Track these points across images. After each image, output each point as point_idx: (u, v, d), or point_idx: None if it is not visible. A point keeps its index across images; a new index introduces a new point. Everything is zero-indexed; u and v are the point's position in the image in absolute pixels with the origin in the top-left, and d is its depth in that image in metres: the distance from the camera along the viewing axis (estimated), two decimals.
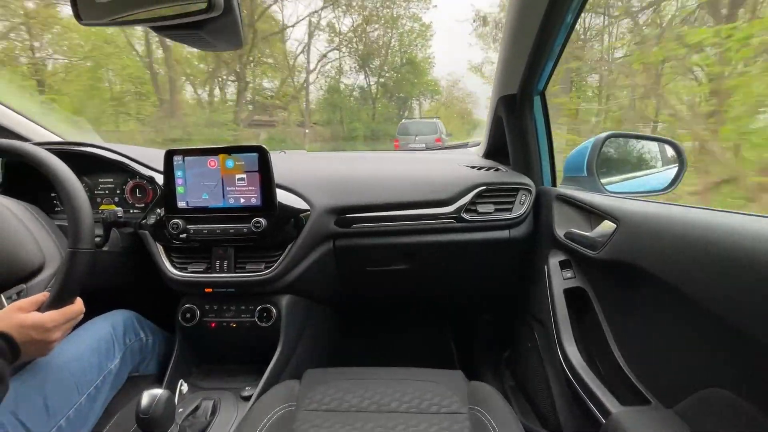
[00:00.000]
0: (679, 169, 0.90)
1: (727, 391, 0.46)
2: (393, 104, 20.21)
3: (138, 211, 1.01)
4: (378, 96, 19.70)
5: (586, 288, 0.81)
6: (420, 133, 9.17)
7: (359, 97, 19.29)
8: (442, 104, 25.51)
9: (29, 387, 0.63)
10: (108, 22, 0.48)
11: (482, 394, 0.72)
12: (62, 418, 0.65)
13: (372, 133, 16.73)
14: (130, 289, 1.08)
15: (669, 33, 4.01)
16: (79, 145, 1.00)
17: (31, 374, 0.64)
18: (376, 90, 19.67)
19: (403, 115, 18.99)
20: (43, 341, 0.62)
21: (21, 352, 0.59)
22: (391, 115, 19.57)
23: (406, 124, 9.86)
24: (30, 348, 0.60)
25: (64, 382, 0.68)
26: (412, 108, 21.83)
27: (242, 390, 0.90)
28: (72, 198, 0.67)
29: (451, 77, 25.99)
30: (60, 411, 0.66)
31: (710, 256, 0.49)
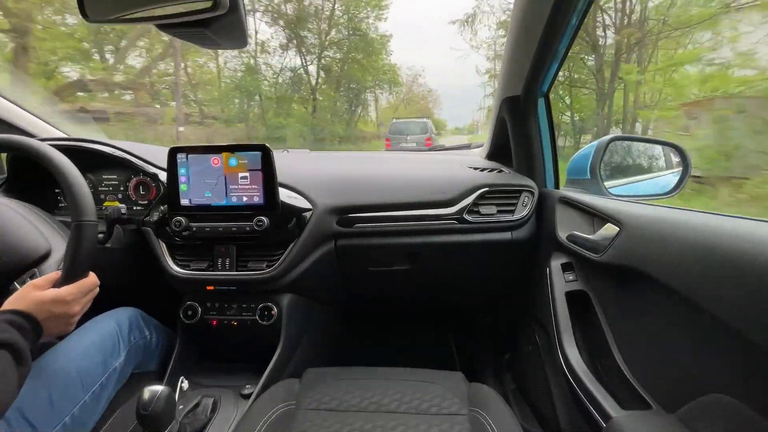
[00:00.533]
0: (683, 173, 0.89)
1: (729, 397, 0.46)
2: (342, 96, 15.55)
3: (141, 208, 1.01)
4: (320, 84, 14.40)
5: (588, 291, 0.80)
6: (411, 132, 9.51)
7: (291, 83, 14.10)
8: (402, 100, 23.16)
9: (35, 384, 0.62)
10: (114, 19, 0.49)
11: (482, 396, 0.72)
12: (67, 415, 0.65)
13: (313, 133, 12.69)
14: (132, 286, 1.08)
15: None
16: (84, 142, 1.00)
17: (37, 371, 0.64)
18: (316, 75, 14.20)
19: (355, 111, 16.67)
20: (65, 315, 0.62)
21: (43, 329, 0.59)
22: (339, 110, 15.37)
23: (397, 124, 10.21)
24: (51, 324, 0.61)
25: (69, 379, 0.68)
26: (367, 102, 17.82)
27: (242, 388, 0.90)
28: (66, 175, 0.68)
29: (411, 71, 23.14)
30: (65, 408, 0.66)
31: (714, 260, 0.48)
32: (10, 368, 0.51)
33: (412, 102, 25.11)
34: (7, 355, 0.51)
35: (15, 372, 0.52)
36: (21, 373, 0.53)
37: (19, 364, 0.53)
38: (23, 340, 0.54)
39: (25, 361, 0.54)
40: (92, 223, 0.68)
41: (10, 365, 0.51)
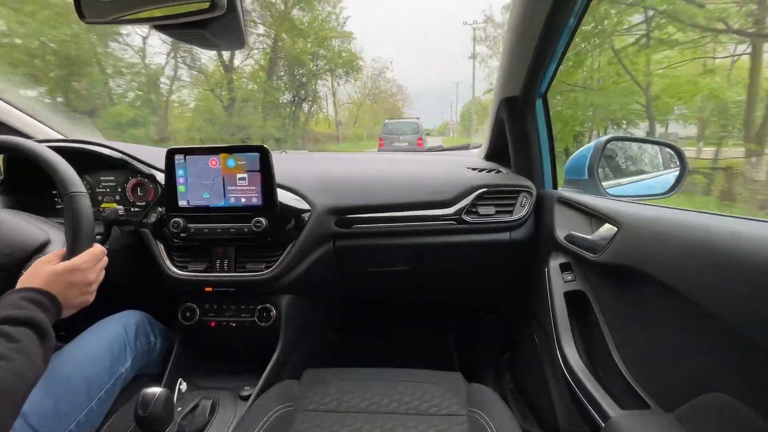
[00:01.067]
0: (680, 173, 0.90)
1: (727, 396, 0.46)
2: (282, 84, 11.58)
3: (139, 209, 1.01)
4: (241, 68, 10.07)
5: (586, 291, 0.80)
6: (403, 132, 9.84)
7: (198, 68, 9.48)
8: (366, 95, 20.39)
9: (41, 392, 0.61)
10: (111, 20, 0.48)
11: (481, 397, 0.72)
12: (73, 422, 0.65)
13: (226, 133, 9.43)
14: (131, 287, 1.08)
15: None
16: (81, 143, 1.00)
17: (44, 378, 0.63)
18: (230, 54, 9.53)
19: (300, 105, 13.18)
20: (81, 284, 0.62)
21: (61, 302, 0.59)
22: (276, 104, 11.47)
23: (390, 125, 10.49)
24: (70, 295, 0.61)
25: (76, 386, 0.67)
26: (318, 95, 13.53)
27: (241, 389, 0.90)
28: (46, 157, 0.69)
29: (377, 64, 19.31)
30: (71, 415, 0.65)
31: (711, 260, 0.49)
32: (33, 344, 0.51)
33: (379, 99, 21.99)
34: (28, 331, 0.51)
35: (39, 348, 0.51)
36: (45, 348, 0.53)
37: (42, 339, 0.52)
38: (43, 315, 0.54)
39: (48, 337, 0.53)
40: (83, 192, 0.69)
41: (33, 341, 0.51)
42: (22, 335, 0.50)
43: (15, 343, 0.49)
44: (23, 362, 0.48)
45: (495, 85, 1.08)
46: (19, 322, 0.51)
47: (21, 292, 0.56)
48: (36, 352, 0.51)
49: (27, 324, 0.51)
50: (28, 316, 0.52)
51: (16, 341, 0.49)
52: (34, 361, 0.50)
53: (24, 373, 0.48)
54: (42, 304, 0.56)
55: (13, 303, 0.54)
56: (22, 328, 0.51)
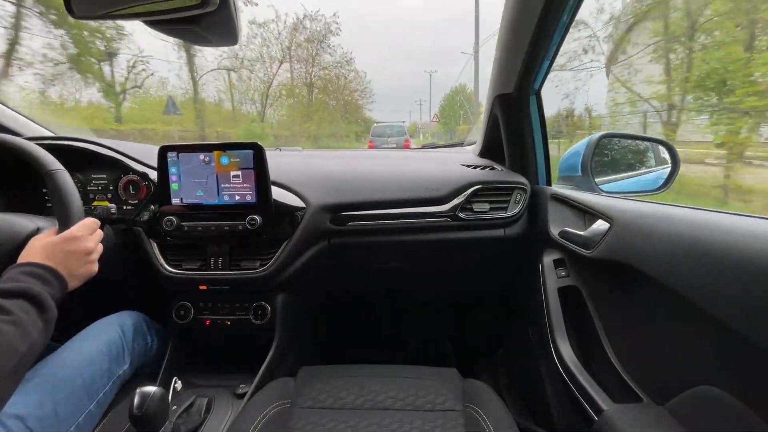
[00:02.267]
0: (672, 170, 0.91)
1: (717, 389, 0.47)
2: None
3: (131, 207, 1.00)
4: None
5: (579, 287, 0.81)
6: (391, 135, 10.91)
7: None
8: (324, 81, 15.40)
9: (41, 394, 0.61)
10: (101, 15, 0.48)
11: (476, 392, 0.73)
12: (72, 424, 0.64)
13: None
14: (124, 286, 1.07)
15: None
16: (71, 140, 0.99)
17: (42, 380, 0.63)
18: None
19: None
20: (81, 252, 0.62)
21: (63, 274, 0.59)
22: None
23: (377, 128, 11.71)
24: (72, 265, 0.61)
25: (75, 388, 0.66)
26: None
27: (237, 387, 0.90)
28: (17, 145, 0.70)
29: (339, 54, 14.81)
30: (71, 417, 0.64)
31: (702, 255, 0.49)
32: (28, 316, 0.50)
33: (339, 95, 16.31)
34: (23, 303, 0.51)
35: (37, 319, 0.51)
36: (45, 321, 0.53)
37: (40, 311, 0.52)
38: (42, 287, 0.54)
39: (46, 308, 0.53)
40: (61, 169, 0.70)
41: (29, 313, 0.51)
42: (16, 307, 0.50)
43: (6, 315, 0.48)
44: (14, 334, 0.48)
45: (489, 82, 1.08)
46: (14, 295, 0.51)
47: (19, 267, 0.56)
48: (31, 323, 0.50)
49: (22, 296, 0.51)
50: (23, 288, 0.52)
51: (7, 313, 0.49)
52: (27, 332, 0.49)
53: (15, 345, 0.47)
54: (41, 277, 0.56)
55: (10, 277, 0.54)
56: (17, 300, 0.51)
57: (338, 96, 16.52)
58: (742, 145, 2.13)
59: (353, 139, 16.03)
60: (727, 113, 2.36)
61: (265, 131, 13.65)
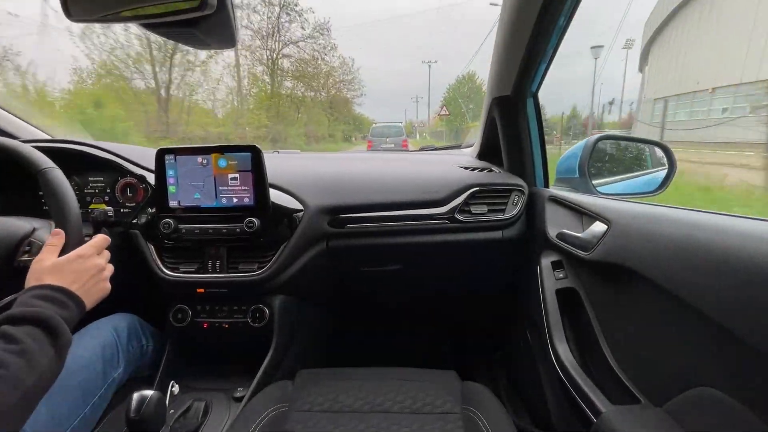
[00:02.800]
0: (668, 172, 0.91)
1: (716, 390, 0.47)
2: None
3: (129, 210, 1.00)
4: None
5: (578, 288, 0.81)
6: (390, 135, 11.24)
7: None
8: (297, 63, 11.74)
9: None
10: (98, 18, 0.48)
11: (475, 394, 0.73)
12: (68, 428, 0.64)
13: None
14: (121, 289, 1.06)
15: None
16: (68, 143, 0.98)
17: None
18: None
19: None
20: (93, 269, 0.60)
21: (78, 294, 0.56)
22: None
23: (376, 128, 12.08)
24: (86, 284, 0.58)
25: (70, 392, 0.66)
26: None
27: (234, 391, 0.89)
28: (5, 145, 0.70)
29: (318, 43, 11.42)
30: (66, 421, 0.64)
31: (700, 256, 0.49)
32: (39, 344, 0.47)
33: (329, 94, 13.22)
34: (34, 330, 0.47)
35: (48, 347, 0.48)
36: (58, 347, 0.49)
37: (53, 337, 0.49)
38: (54, 310, 0.51)
39: (59, 334, 0.50)
40: (53, 167, 0.69)
41: (39, 340, 0.47)
42: (24, 335, 0.46)
43: (14, 344, 0.45)
44: (21, 365, 0.44)
45: (486, 85, 1.09)
46: (23, 321, 0.48)
47: (31, 291, 0.53)
48: (42, 351, 0.47)
49: (32, 322, 0.48)
50: (34, 313, 0.49)
51: (14, 342, 0.45)
52: (37, 362, 0.46)
53: (20, 377, 0.44)
54: (55, 300, 0.53)
55: (21, 302, 0.51)
56: (26, 327, 0.47)
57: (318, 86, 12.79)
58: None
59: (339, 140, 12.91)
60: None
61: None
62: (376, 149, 10.28)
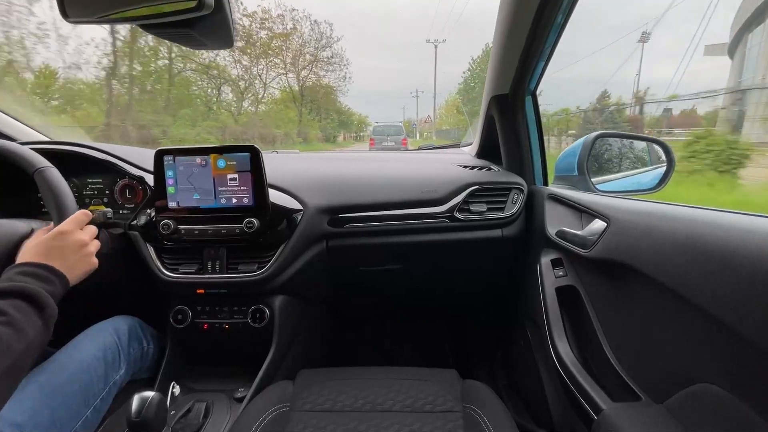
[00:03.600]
0: (667, 169, 0.91)
1: (716, 387, 0.47)
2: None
3: (128, 211, 1.00)
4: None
5: (577, 286, 0.81)
6: (390, 134, 12.24)
7: None
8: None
9: (37, 401, 0.61)
10: (95, 19, 0.47)
11: (476, 393, 0.73)
12: (70, 431, 0.64)
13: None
14: (121, 291, 1.06)
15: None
16: (67, 145, 0.98)
17: (38, 387, 0.62)
18: None
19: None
20: (74, 246, 0.62)
21: (62, 270, 0.58)
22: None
23: (378, 127, 13.19)
24: (69, 260, 0.60)
25: (71, 395, 0.66)
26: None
27: (235, 391, 0.89)
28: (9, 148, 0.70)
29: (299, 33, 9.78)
30: (67, 424, 0.64)
31: (699, 253, 0.49)
32: (25, 315, 0.50)
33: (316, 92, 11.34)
34: (19, 303, 0.50)
35: (35, 318, 0.51)
36: (44, 318, 0.52)
37: (38, 309, 0.52)
38: (39, 285, 0.54)
39: (45, 306, 0.52)
40: (49, 166, 0.70)
41: (25, 312, 0.50)
42: (11, 307, 0.49)
43: (2, 316, 0.48)
44: (10, 334, 0.47)
45: (485, 83, 1.09)
46: (9, 294, 0.51)
47: (15, 268, 0.56)
48: (29, 322, 0.50)
49: (17, 295, 0.51)
50: (18, 288, 0.51)
51: (2, 314, 0.48)
52: (24, 332, 0.49)
53: (10, 345, 0.47)
54: (38, 275, 0.55)
55: (7, 278, 0.54)
56: (12, 299, 0.50)
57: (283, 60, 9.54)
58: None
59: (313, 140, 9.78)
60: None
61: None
62: (378, 146, 11.26)
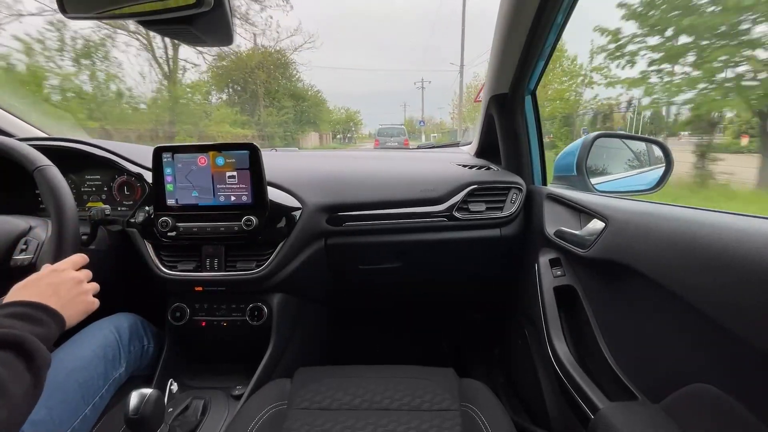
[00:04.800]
0: (665, 169, 0.91)
1: (712, 387, 0.47)
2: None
3: (126, 208, 0.99)
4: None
5: (575, 286, 0.82)
6: (394, 135, 13.47)
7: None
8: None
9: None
10: (94, 15, 0.47)
11: (473, 391, 0.73)
12: (68, 429, 0.63)
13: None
14: (118, 288, 1.06)
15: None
16: (65, 141, 0.98)
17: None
18: None
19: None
20: (69, 281, 0.58)
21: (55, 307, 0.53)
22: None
23: (383, 129, 14.50)
24: (64, 297, 0.56)
25: (70, 393, 0.65)
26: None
27: (233, 389, 0.89)
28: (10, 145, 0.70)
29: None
30: (66, 422, 0.63)
31: (697, 254, 0.50)
32: (10, 369, 0.43)
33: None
34: (4, 354, 0.43)
35: (24, 371, 0.44)
36: (34, 370, 0.45)
37: (27, 359, 0.45)
38: (29, 327, 0.48)
39: (34, 356, 0.45)
40: (49, 164, 0.69)
41: (11, 365, 0.43)
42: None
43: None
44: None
45: (485, 83, 1.08)
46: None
47: (3, 309, 0.49)
48: (15, 379, 0.42)
49: (3, 346, 0.44)
50: (3, 335, 0.44)
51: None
52: (7, 393, 0.41)
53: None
54: (28, 317, 0.49)
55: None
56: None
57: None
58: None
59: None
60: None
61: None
62: (383, 146, 12.23)
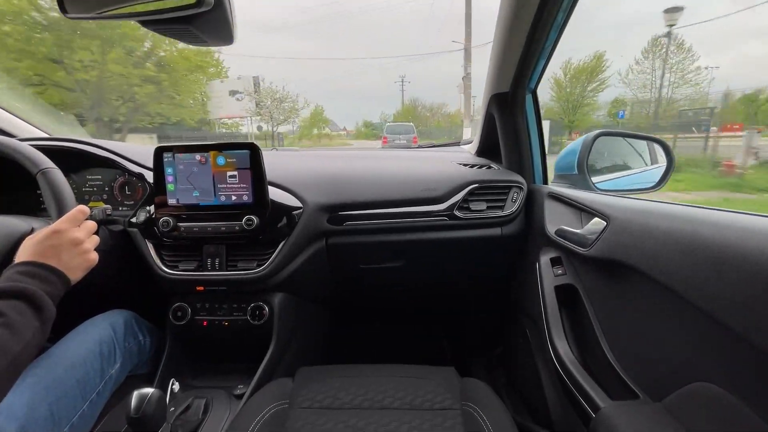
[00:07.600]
0: (667, 168, 0.91)
1: (714, 385, 0.47)
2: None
3: (127, 208, 1.00)
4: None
5: (576, 285, 0.81)
6: (402, 132, 13.57)
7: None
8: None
9: (34, 396, 0.61)
10: (94, 15, 0.47)
11: (475, 391, 0.73)
12: (66, 425, 0.64)
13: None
14: (120, 288, 1.06)
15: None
16: (66, 141, 0.98)
17: (35, 381, 0.63)
18: None
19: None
20: (69, 244, 0.61)
21: (60, 268, 0.58)
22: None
23: (390, 127, 15.21)
24: (65, 258, 0.60)
25: (69, 389, 0.66)
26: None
27: (235, 388, 0.89)
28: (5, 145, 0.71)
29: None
30: (65, 418, 0.64)
31: (698, 252, 0.50)
32: (22, 317, 0.50)
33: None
34: (18, 303, 0.51)
35: (33, 319, 0.51)
36: (42, 319, 0.52)
37: (36, 310, 0.52)
38: (37, 285, 0.54)
39: (43, 307, 0.53)
40: (52, 167, 0.70)
41: (23, 313, 0.51)
42: (9, 308, 0.50)
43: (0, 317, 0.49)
44: (7, 336, 0.48)
45: (485, 82, 1.08)
46: (8, 295, 0.51)
47: (15, 267, 0.56)
48: (26, 324, 0.50)
49: (17, 296, 0.51)
50: (18, 288, 0.52)
51: (1, 315, 0.49)
52: (21, 334, 0.49)
53: (7, 346, 0.47)
54: (38, 275, 0.55)
55: (7, 277, 0.54)
56: (11, 301, 0.51)
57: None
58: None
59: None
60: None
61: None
62: (391, 143, 12.36)
